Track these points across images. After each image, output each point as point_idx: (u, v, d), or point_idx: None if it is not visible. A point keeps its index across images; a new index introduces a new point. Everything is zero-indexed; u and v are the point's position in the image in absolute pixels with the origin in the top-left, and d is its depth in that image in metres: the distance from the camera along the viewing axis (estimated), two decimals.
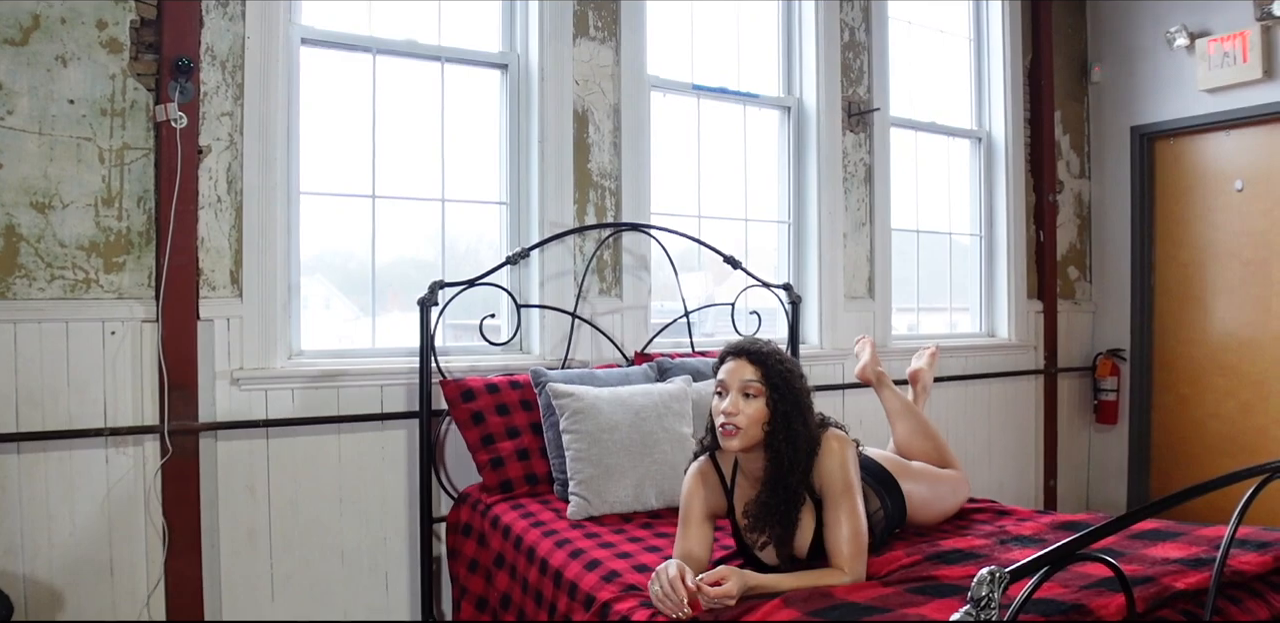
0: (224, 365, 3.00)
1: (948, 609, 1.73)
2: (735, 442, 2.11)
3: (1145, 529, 2.31)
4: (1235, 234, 4.89)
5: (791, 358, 2.20)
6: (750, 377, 2.12)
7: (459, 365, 3.36)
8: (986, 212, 5.15)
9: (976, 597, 1.21)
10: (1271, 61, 4.60)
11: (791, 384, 2.13)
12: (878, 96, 4.52)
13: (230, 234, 3.03)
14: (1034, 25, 5.24)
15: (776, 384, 2.11)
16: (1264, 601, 1.96)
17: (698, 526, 2.23)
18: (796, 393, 2.13)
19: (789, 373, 2.14)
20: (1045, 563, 1.32)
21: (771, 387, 2.11)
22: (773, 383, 2.11)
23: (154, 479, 2.89)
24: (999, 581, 1.21)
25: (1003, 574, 1.22)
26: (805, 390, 2.17)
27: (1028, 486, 5.18)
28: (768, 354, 2.15)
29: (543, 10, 3.57)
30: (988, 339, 5.09)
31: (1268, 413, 4.72)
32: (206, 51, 2.99)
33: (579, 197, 3.66)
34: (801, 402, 2.14)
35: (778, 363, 2.14)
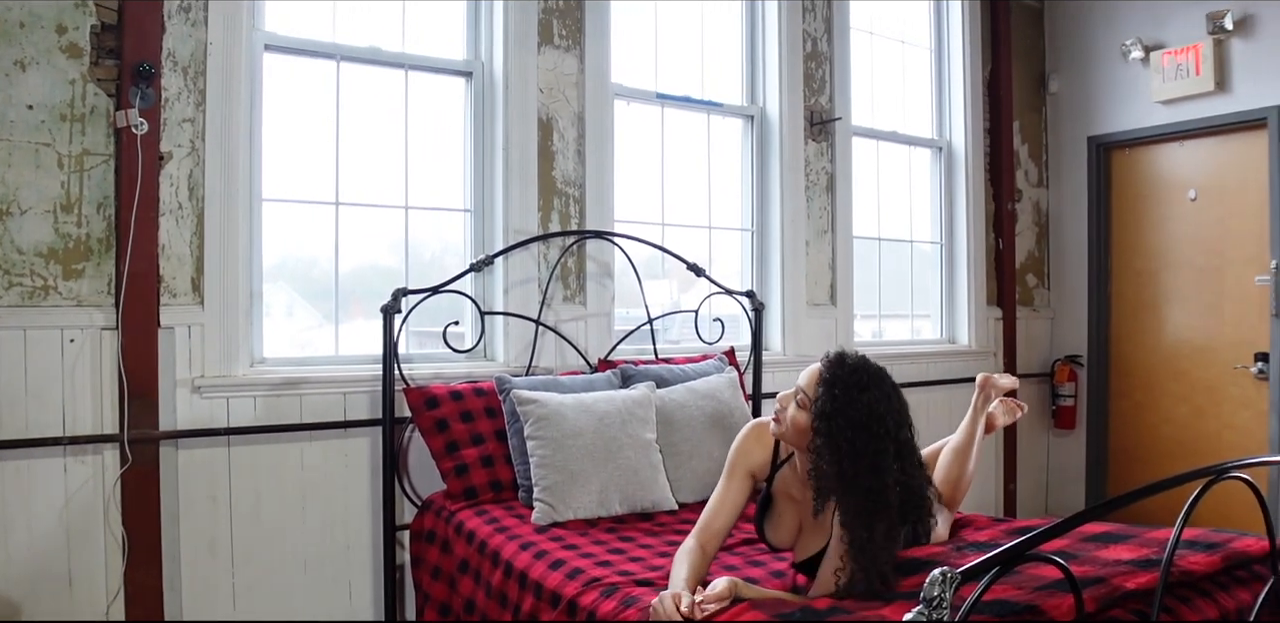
0: (185, 373, 2.98)
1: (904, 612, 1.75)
2: (775, 428, 2.14)
3: (1098, 532, 2.35)
4: (1189, 242, 4.99)
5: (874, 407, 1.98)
6: (806, 387, 2.07)
7: (423, 373, 3.36)
8: (947, 220, 5.22)
9: (929, 597, 1.24)
10: (1223, 74, 4.71)
11: (835, 422, 1.96)
12: (839, 106, 4.58)
13: (191, 241, 3.01)
14: (993, 37, 5.32)
15: (820, 414, 2.00)
16: (1213, 600, 2.00)
17: (735, 483, 2.23)
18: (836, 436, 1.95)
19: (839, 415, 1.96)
20: (995, 564, 1.35)
21: (816, 413, 2.01)
22: (818, 411, 2.01)
23: (114, 489, 2.86)
24: (950, 581, 1.24)
25: (954, 575, 1.25)
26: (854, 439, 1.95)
27: (988, 490, 5.24)
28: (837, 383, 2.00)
29: (507, 18, 3.59)
30: (948, 346, 5.15)
31: (1219, 418, 4.82)
32: (168, 57, 2.98)
33: (543, 204, 3.67)
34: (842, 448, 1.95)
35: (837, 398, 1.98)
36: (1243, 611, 2.01)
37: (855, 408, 1.97)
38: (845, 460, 1.94)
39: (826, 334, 4.48)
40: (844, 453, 1.94)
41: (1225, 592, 2.05)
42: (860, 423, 1.96)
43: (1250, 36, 4.60)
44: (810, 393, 2.04)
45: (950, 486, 2.66)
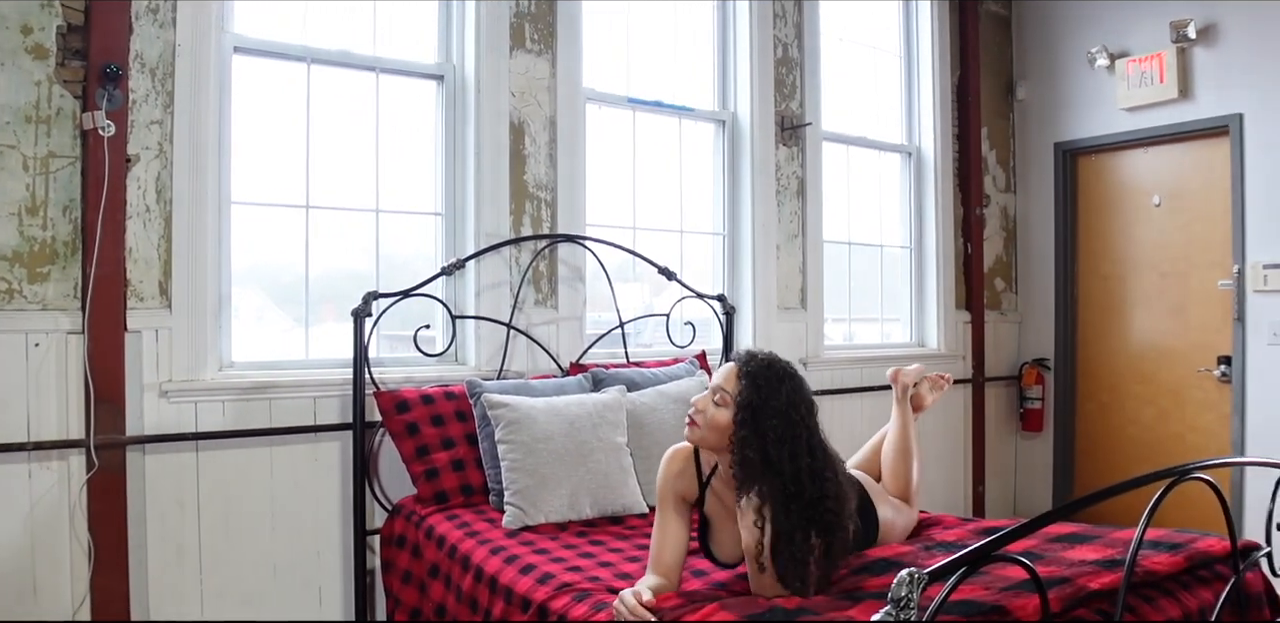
0: (152, 378, 2.95)
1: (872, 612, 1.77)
2: (689, 434, 2.15)
3: (1064, 533, 2.39)
4: (1153, 247, 5.06)
5: (793, 394, 2.08)
6: (725, 385, 2.12)
7: (394, 376, 3.35)
8: (916, 224, 5.27)
9: (896, 597, 1.26)
10: (1187, 82, 4.78)
11: (761, 414, 2.04)
12: (810, 111, 4.61)
13: (159, 244, 2.99)
14: (961, 44, 5.38)
15: (744, 405, 2.06)
16: (1176, 599, 2.04)
17: (671, 512, 2.23)
18: (762, 425, 2.03)
19: (764, 403, 2.05)
20: (962, 564, 1.37)
21: (739, 405, 2.07)
22: (742, 402, 2.07)
23: (79, 495, 2.82)
24: (917, 582, 1.26)
25: (921, 576, 1.26)
26: (777, 427, 2.03)
27: (957, 492, 5.29)
28: (758, 375, 2.09)
29: (479, 22, 3.59)
30: (918, 349, 5.20)
31: (1183, 420, 4.89)
32: (136, 59, 2.95)
33: (515, 208, 3.67)
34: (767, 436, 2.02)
35: (760, 387, 2.07)
36: (1205, 610, 2.05)
37: (776, 397, 2.06)
38: (770, 447, 2.02)
39: (797, 337, 4.51)
40: (769, 440, 2.02)
41: (1188, 591, 2.09)
42: (781, 411, 2.05)
43: (1213, 45, 4.67)
44: (730, 389, 2.10)
45: (901, 479, 2.72)
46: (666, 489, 2.25)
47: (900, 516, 2.57)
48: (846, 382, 4.66)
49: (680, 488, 2.25)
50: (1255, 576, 2.28)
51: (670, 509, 2.23)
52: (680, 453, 2.28)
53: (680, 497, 2.25)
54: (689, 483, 2.26)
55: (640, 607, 1.91)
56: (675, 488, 2.25)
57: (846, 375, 4.68)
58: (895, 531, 2.50)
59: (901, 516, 2.58)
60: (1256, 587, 2.27)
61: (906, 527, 2.59)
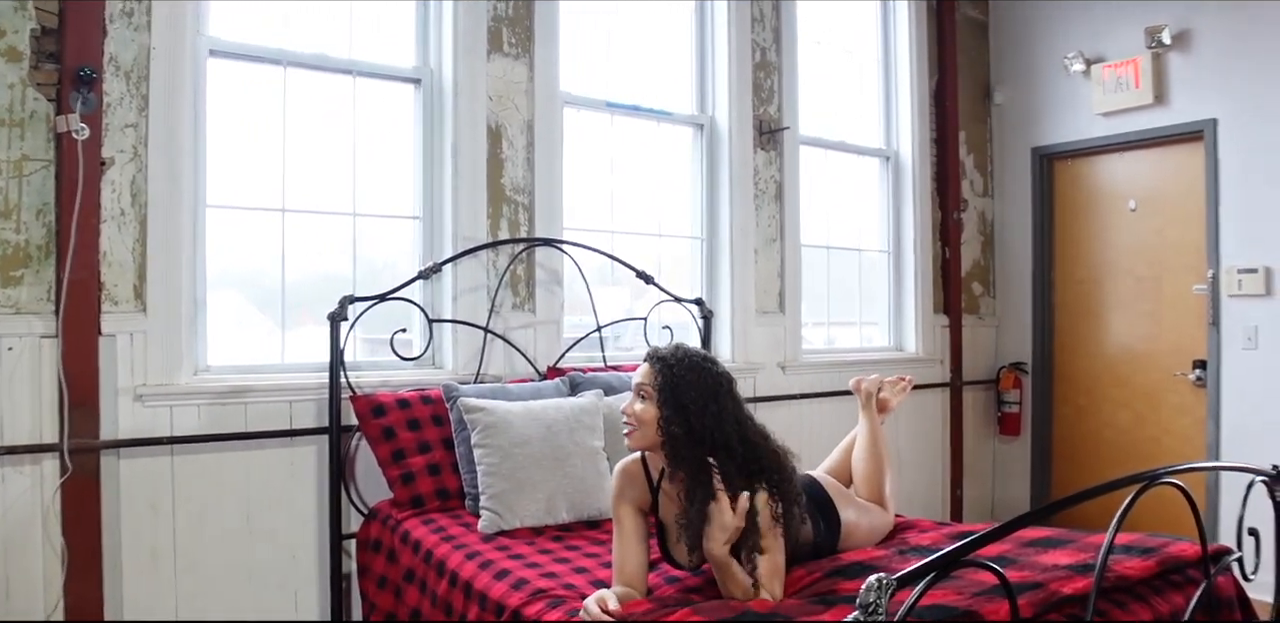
0: (127, 382, 2.93)
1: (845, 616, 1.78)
2: (630, 441, 2.19)
3: (1038, 537, 2.40)
4: (1129, 252, 5.10)
5: (705, 367, 2.19)
6: (643, 380, 2.20)
7: (371, 381, 3.34)
8: (894, 228, 5.29)
9: (864, 603, 1.26)
10: (1162, 87, 4.82)
11: (679, 389, 2.14)
12: (788, 115, 4.62)
13: (134, 248, 2.97)
14: (939, 49, 5.41)
15: (663, 387, 2.15)
16: (1147, 604, 2.05)
17: (628, 523, 2.25)
18: (682, 399, 2.13)
19: (679, 379, 2.15)
20: (931, 570, 1.37)
21: (659, 389, 2.15)
22: (661, 385, 2.15)
23: (53, 499, 2.81)
24: (885, 587, 1.26)
25: (889, 581, 1.27)
26: (696, 399, 2.14)
27: (935, 495, 5.31)
28: (668, 358, 2.19)
29: (457, 26, 3.58)
30: (896, 353, 5.22)
31: (1159, 423, 4.92)
32: (110, 62, 2.94)
33: (493, 211, 3.67)
34: (689, 408, 2.12)
35: (673, 367, 2.17)
36: (1177, 614, 2.06)
37: (693, 374, 2.16)
38: (693, 419, 2.11)
39: (775, 341, 4.53)
40: (692, 413, 2.11)
41: (1160, 596, 2.10)
42: (698, 384, 2.15)
43: (1187, 51, 4.72)
44: (650, 380, 2.18)
45: (873, 483, 2.75)
46: (620, 500, 2.29)
47: (867, 518, 2.58)
48: (824, 386, 4.67)
49: (633, 497, 2.28)
50: (1227, 580, 2.30)
51: (626, 520, 2.26)
52: (629, 465, 2.32)
53: (635, 506, 2.28)
54: (640, 491, 2.29)
55: (604, 614, 1.92)
56: (628, 498, 2.28)
57: (824, 380, 4.69)
58: (860, 532, 2.51)
59: (869, 518, 2.59)
60: (1228, 591, 2.28)
61: (875, 529, 2.60)
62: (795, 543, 2.30)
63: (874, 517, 2.63)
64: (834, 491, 2.56)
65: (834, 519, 2.47)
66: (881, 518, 2.68)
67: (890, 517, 2.74)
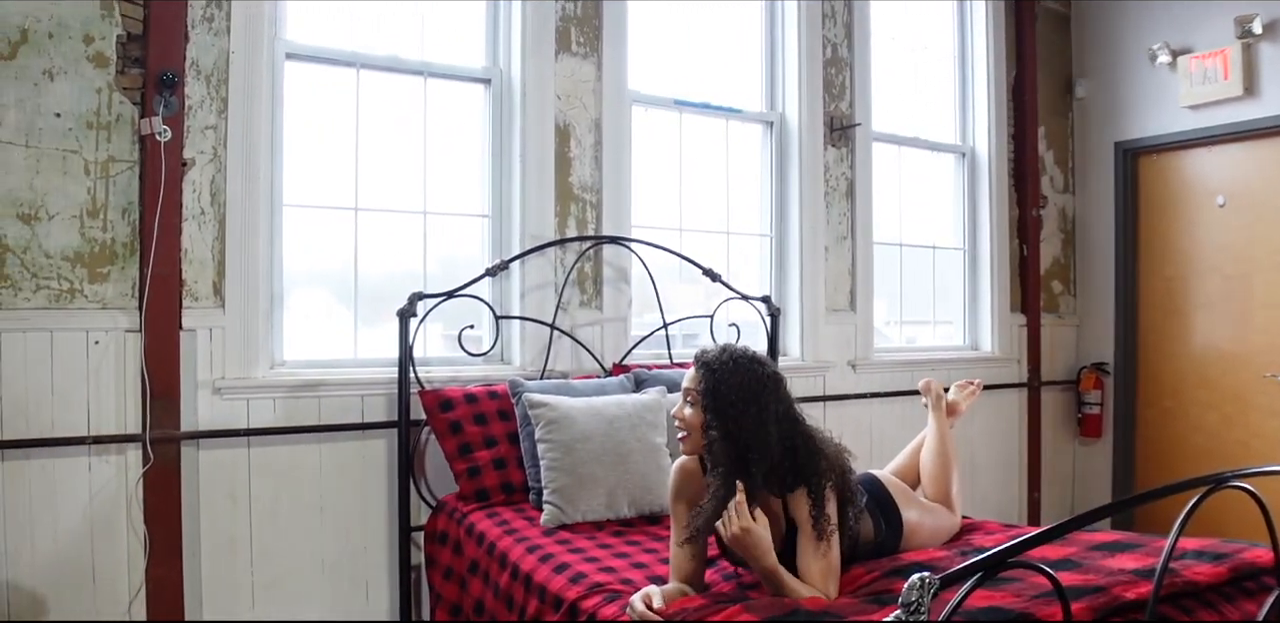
0: (206, 375, 3.04)
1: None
2: (684, 446, 2.19)
3: (1106, 541, 2.34)
4: (1217, 249, 4.93)
5: (749, 368, 2.14)
6: (690, 384, 2.17)
7: (440, 375, 3.40)
8: (970, 225, 5.20)
9: (906, 602, 1.25)
10: (1252, 79, 4.66)
11: (719, 394, 2.10)
12: (859, 112, 4.58)
13: (213, 246, 3.07)
14: (1018, 42, 5.30)
15: (706, 393, 2.12)
16: (1216, 610, 1.99)
17: (685, 520, 2.24)
18: (721, 403, 2.09)
19: (720, 383, 2.11)
20: (976, 570, 1.35)
21: (702, 393, 2.12)
22: (704, 390, 2.12)
23: (136, 487, 2.92)
24: (928, 587, 1.25)
25: (932, 580, 1.26)
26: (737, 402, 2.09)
27: (1011, 498, 5.21)
28: (712, 362, 2.15)
29: (525, 26, 3.63)
30: (971, 352, 5.13)
31: (1248, 427, 4.76)
32: (191, 66, 3.04)
33: (560, 209, 3.70)
34: (728, 412, 2.09)
35: (715, 372, 2.13)
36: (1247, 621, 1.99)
37: (736, 376, 2.11)
38: (731, 423, 2.08)
39: (846, 340, 4.49)
40: (730, 417, 2.08)
41: (1230, 603, 2.03)
42: (741, 386, 2.10)
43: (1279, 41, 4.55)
44: (694, 385, 2.15)
45: (940, 484, 2.71)
46: (677, 498, 2.28)
47: (931, 518, 2.54)
48: (897, 385, 4.62)
49: (690, 495, 2.27)
50: None
51: (683, 518, 2.25)
52: (686, 462, 2.31)
53: (692, 503, 2.26)
54: (697, 489, 2.27)
55: (649, 612, 1.93)
56: (685, 495, 2.27)
57: (897, 379, 4.64)
58: (923, 533, 2.48)
59: (933, 518, 2.55)
60: None
61: (939, 529, 2.56)
62: (855, 542, 2.29)
63: (938, 518, 2.60)
64: (896, 490, 2.53)
65: (896, 519, 2.44)
66: (947, 519, 2.64)
67: (957, 518, 2.70)
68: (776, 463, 2.10)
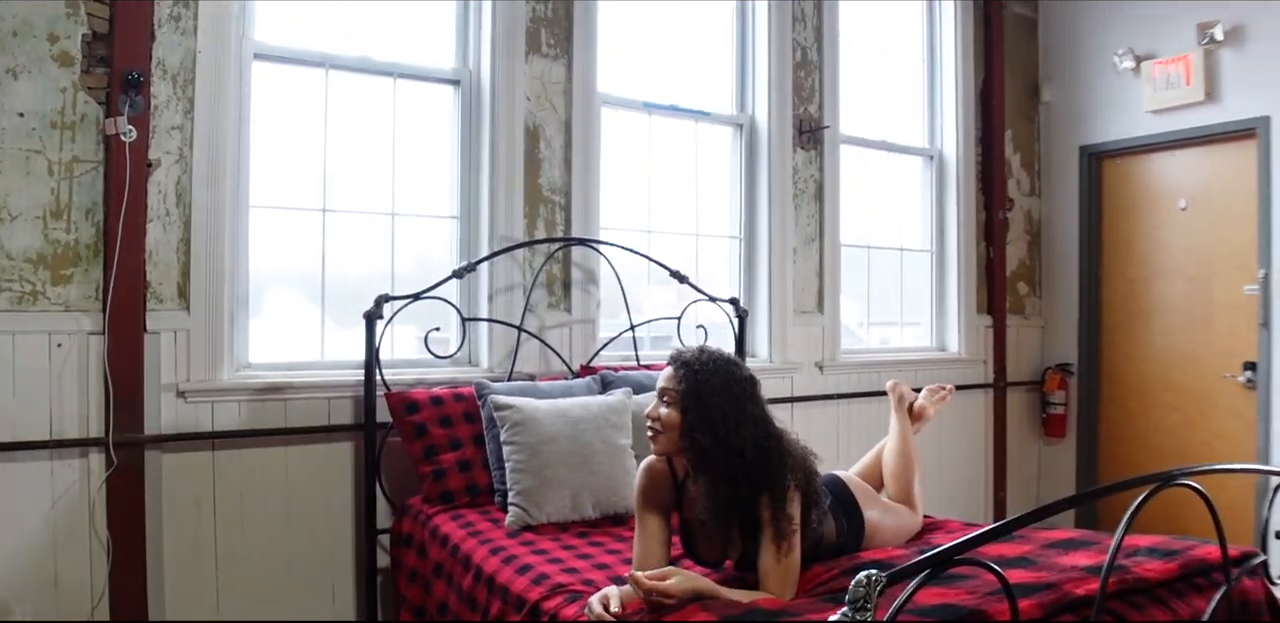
0: (170, 378, 3.02)
1: None
2: (656, 446, 2.19)
3: (1061, 539, 2.38)
4: (1179, 251, 5.01)
5: (730, 371, 2.17)
6: (667, 384, 2.17)
7: (407, 378, 3.40)
8: (938, 228, 5.25)
9: (854, 599, 1.27)
10: (1213, 84, 4.73)
11: (704, 396, 2.11)
12: (829, 114, 4.61)
13: (178, 247, 3.06)
14: (986, 47, 5.36)
15: (687, 393, 2.12)
16: (1166, 607, 2.03)
17: (650, 522, 2.26)
18: (707, 406, 2.11)
19: (704, 385, 2.12)
20: (925, 567, 1.38)
21: (683, 396, 2.13)
22: (684, 391, 2.13)
23: (99, 492, 2.90)
24: (875, 584, 1.27)
25: (879, 577, 1.28)
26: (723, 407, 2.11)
27: (977, 498, 5.26)
28: (693, 363, 2.16)
29: (496, 28, 3.63)
30: (938, 353, 5.17)
31: (1210, 427, 4.83)
32: (158, 65, 3.03)
33: (529, 211, 3.71)
34: (714, 415, 2.10)
35: (698, 373, 2.14)
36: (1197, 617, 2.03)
37: (718, 379, 2.14)
38: (718, 425, 2.10)
39: (813, 341, 4.52)
40: (715, 419, 2.10)
41: (1181, 599, 2.07)
42: (725, 390, 2.13)
43: (1240, 47, 4.62)
44: (672, 385, 2.15)
45: (902, 483, 2.75)
46: (645, 500, 2.28)
47: (893, 518, 2.58)
48: (864, 386, 4.65)
49: (657, 495, 2.28)
50: (1256, 584, 2.26)
51: (649, 518, 2.26)
52: (654, 463, 2.31)
53: (658, 504, 2.28)
54: (665, 490, 2.29)
55: (605, 614, 1.93)
56: (652, 496, 2.28)
57: (864, 380, 4.68)
58: (884, 532, 2.51)
59: (894, 518, 2.58)
60: (1257, 595, 2.25)
61: (901, 529, 2.59)
62: (819, 543, 2.31)
63: (900, 517, 2.63)
64: (858, 491, 2.56)
65: (858, 519, 2.47)
66: (909, 519, 2.67)
67: (919, 518, 2.74)
68: (748, 464, 2.11)
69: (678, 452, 2.18)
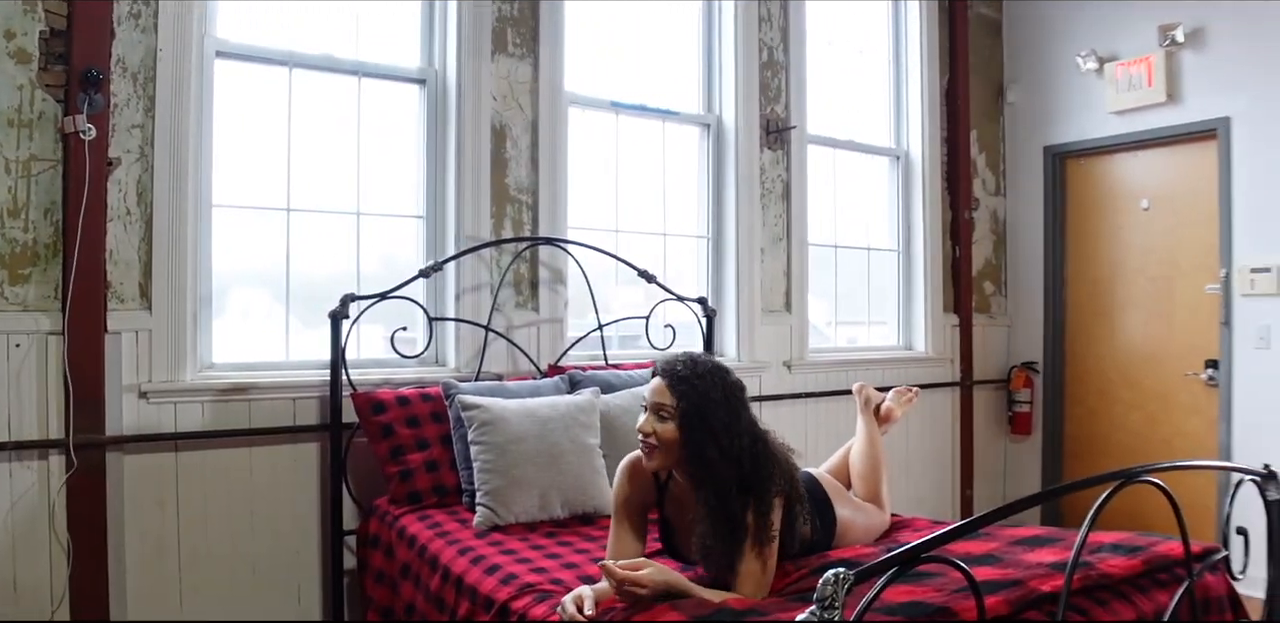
0: (132, 379, 2.98)
1: None
2: (654, 462, 2.14)
3: (1028, 536, 2.40)
4: (1142, 251, 5.07)
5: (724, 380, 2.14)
6: (662, 400, 2.10)
7: (374, 378, 3.37)
8: (904, 227, 5.28)
9: (821, 597, 1.28)
10: (1174, 86, 4.79)
11: (708, 414, 2.07)
12: (795, 115, 4.63)
13: (140, 247, 3.02)
14: (951, 47, 5.40)
15: (689, 411, 2.07)
16: (1130, 602, 2.05)
17: (626, 522, 2.25)
18: (712, 423, 2.07)
19: (705, 398, 2.08)
20: (893, 564, 1.38)
21: (682, 413, 2.08)
22: (682, 408, 2.08)
23: (59, 494, 2.85)
24: (843, 582, 1.28)
25: (846, 576, 1.28)
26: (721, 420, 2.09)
27: (945, 496, 5.30)
28: (686, 378, 2.10)
29: (461, 26, 3.61)
30: (905, 352, 5.21)
31: (1170, 424, 4.89)
32: (117, 63, 2.98)
33: (496, 211, 3.70)
34: (715, 432, 2.07)
35: (696, 387, 2.09)
36: (1161, 613, 2.06)
37: (715, 391, 2.10)
38: (721, 437, 2.07)
39: (781, 340, 4.53)
40: (719, 433, 2.07)
41: (1144, 595, 2.10)
42: (724, 402, 2.10)
43: (1200, 49, 4.68)
44: (668, 400, 2.09)
45: (869, 482, 2.77)
46: (624, 500, 2.27)
47: (863, 516, 2.59)
48: (832, 385, 4.67)
49: (637, 493, 2.27)
50: (1218, 579, 2.29)
51: (626, 518, 2.26)
52: (636, 461, 2.26)
53: (637, 502, 2.27)
54: (646, 488, 2.28)
55: (578, 614, 1.92)
56: (631, 493, 2.26)
57: (832, 379, 4.69)
58: (855, 530, 2.52)
59: (864, 516, 2.60)
60: (1219, 590, 2.28)
61: (870, 527, 2.61)
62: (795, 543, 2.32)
63: (869, 516, 2.65)
64: (831, 489, 2.57)
65: (830, 517, 2.48)
66: (877, 517, 2.69)
67: (886, 516, 2.75)
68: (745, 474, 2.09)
69: (675, 467, 2.16)
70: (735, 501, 2.07)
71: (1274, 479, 2.30)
